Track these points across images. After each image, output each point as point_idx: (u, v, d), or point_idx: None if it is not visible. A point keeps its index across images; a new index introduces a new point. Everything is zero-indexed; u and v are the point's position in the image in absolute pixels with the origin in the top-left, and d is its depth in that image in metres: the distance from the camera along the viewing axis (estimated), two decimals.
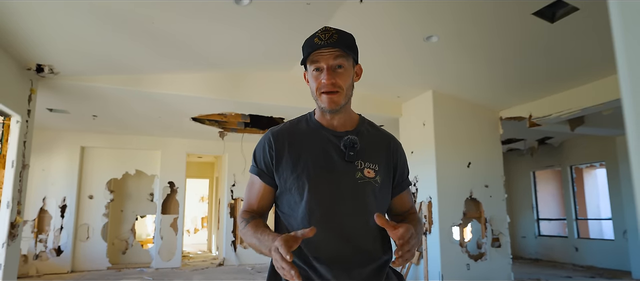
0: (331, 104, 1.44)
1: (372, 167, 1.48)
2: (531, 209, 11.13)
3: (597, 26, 4.40)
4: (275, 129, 1.55)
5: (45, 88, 5.70)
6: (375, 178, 1.47)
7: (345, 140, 1.48)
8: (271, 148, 1.50)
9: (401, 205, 1.61)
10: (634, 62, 0.58)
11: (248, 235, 1.43)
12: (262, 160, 1.52)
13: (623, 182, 8.76)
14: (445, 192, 6.60)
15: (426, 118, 6.79)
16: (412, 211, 1.62)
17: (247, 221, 1.47)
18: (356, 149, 1.47)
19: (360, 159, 1.48)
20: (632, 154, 0.59)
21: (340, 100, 1.45)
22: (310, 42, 1.45)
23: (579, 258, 9.77)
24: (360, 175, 1.45)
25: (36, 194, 8.55)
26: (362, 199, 1.44)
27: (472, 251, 6.82)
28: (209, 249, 12.75)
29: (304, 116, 1.61)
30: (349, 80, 1.47)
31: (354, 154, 1.46)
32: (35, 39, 4.49)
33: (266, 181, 1.51)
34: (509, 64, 5.56)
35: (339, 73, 1.43)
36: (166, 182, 9.63)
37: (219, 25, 4.53)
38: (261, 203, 1.52)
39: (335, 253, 1.40)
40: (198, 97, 6.21)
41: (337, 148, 1.48)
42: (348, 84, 1.47)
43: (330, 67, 1.42)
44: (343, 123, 1.53)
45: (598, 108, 6.16)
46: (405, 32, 4.81)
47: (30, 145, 5.25)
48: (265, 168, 1.51)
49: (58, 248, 8.56)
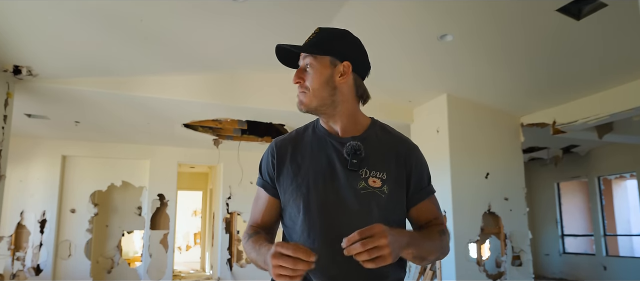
0: (299, 105, 1.52)
1: (379, 175, 1.46)
2: (555, 224, 11.07)
3: (627, 23, 4.38)
4: (279, 138, 1.60)
5: (23, 92, 5.69)
6: (381, 188, 1.44)
7: (348, 147, 1.48)
8: (273, 158, 1.54)
9: (423, 215, 1.55)
10: None
11: (249, 250, 1.46)
12: (265, 171, 1.57)
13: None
14: (460, 205, 6.55)
15: (440, 124, 6.76)
16: (435, 222, 1.55)
17: (249, 236, 1.49)
18: (360, 156, 1.46)
19: (365, 167, 1.46)
20: None
21: (306, 100, 1.50)
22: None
23: (607, 277, 9.70)
24: (364, 184, 1.44)
25: (13, 208, 8.52)
26: (365, 211, 1.42)
27: (491, 270, 6.76)
28: (203, 267, 12.72)
29: (311, 123, 1.63)
30: (318, 80, 1.48)
31: (357, 162, 1.46)
32: (12, 38, 4.49)
33: (270, 193, 1.54)
34: (531, 65, 5.54)
35: (306, 74, 1.51)
36: (155, 194, 9.60)
37: (213, 23, 4.53)
38: (265, 218, 1.56)
39: (336, 270, 1.39)
40: (190, 102, 6.19)
41: (341, 155, 1.48)
42: (318, 84, 1.48)
43: (299, 69, 1.53)
44: (349, 128, 1.53)
45: (628, 113, 6.12)
46: (417, 30, 4.79)
47: (6, 153, 5.24)
48: (269, 180, 1.55)
49: (37, 267, 8.53)
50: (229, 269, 9.80)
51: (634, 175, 9.68)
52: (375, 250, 1.19)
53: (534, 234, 10.26)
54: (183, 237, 18.52)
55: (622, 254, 10.21)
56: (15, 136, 8.03)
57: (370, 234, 1.20)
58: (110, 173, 9.55)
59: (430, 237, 1.45)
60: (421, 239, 1.40)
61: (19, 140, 8.39)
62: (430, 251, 1.42)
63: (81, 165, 9.33)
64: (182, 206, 16.04)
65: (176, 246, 14.59)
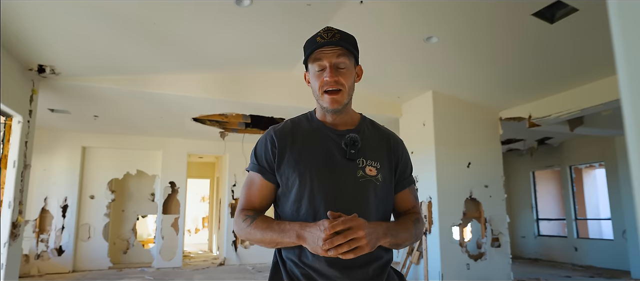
0: (334, 104, 1.44)
1: (373, 164, 1.47)
2: (531, 209, 11.12)
3: (596, 27, 4.40)
4: (277, 127, 1.54)
5: (47, 89, 5.70)
6: (376, 176, 1.46)
7: (347, 138, 1.47)
8: (274, 145, 1.48)
9: (402, 203, 1.58)
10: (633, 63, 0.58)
11: (258, 230, 1.40)
12: (263, 157, 1.50)
13: (622, 182, 8.75)
14: (445, 192, 6.60)
15: (426, 118, 6.79)
16: (412, 211, 1.58)
17: (252, 218, 1.43)
18: (357, 147, 1.47)
19: (361, 157, 1.47)
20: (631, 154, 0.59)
21: (342, 99, 1.45)
22: (312, 41, 1.45)
23: (578, 258, 9.77)
24: (362, 173, 1.44)
25: (37, 194, 8.55)
26: (363, 197, 1.43)
27: (472, 251, 6.82)
28: (210, 249, 12.75)
29: (304, 115, 1.60)
30: (351, 80, 1.47)
31: (355, 152, 1.46)
32: (37, 40, 4.49)
33: (268, 178, 1.49)
34: (509, 64, 5.56)
35: (341, 72, 1.44)
36: (167, 182, 9.62)
37: (220, 26, 4.53)
38: (262, 201, 1.50)
39: None
40: (199, 98, 6.21)
41: (339, 146, 1.47)
42: (350, 83, 1.47)
43: (333, 65, 1.42)
44: (344, 122, 1.53)
45: (597, 108, 6.16)
46: (406, 33, 4.81)
47: (31, 145, 5.25)
48: (267, 166, 1.49)
49: (59, 248, 8.56)
50: (234, 250, 9.84)
51: (603, 165, 9.73)
52: (354, 241, 1.25)
53: (512, 218, 10.33)
54: (192, 221, 18.53)
55: (591, 236, 10.27)
56: (40, 129, 8.05)
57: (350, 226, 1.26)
58: (126, 162, 9.57)
59: (405, 227, 1.47)
60: (397, 229, 1.43)
61: (43, 133, 8.40)
62: (405, 239, 1.45)
63: (100, 155, 9.34)
64: (192, 192, 16.07)
65: (186, 230, 14.65)
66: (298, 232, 1.32)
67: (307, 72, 1.53)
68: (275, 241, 1.38)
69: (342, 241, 1.24)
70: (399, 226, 1.45)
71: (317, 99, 1.49)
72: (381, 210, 1.49)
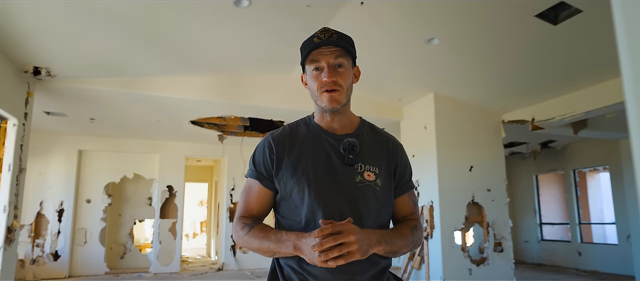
0: (332, 102, 1.44)
1: (372, 169, 1.47)
2: (534, 213, 11.11)
3: (600, 28, 4.40)
4: (275, 133, 1.54)
5: (43, 91, 5.69)
6: (375, 181, 1.45)
7: (345, 143, 1.47)
8: (272, 152, 1.48)
9: (401, 209, 1.56)
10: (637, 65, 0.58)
11: (256, 239, 1.40)
12: (262, 164, 1.49)
13: (627, 185, 8.75)
14: (446, 195, 6.59)
15: (428, 121, 6.79)
16: (410, 217, 1.56)
17: (250, 226, 1.43)
18: (356, 152, 1.46)
19: (360, 162, 1.46)
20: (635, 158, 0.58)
21: (341, 98, 1.45)
22: (309, 42, 1.45)
23: (582, 262, 9.75)
24: (360, 178, 1.44)
25: (33, 198, 8.54)
26: (362, 203, 1.42)
27: (474, 256, 6.80)
28: (208, 254, 12.74)
29: (302, 119, 1.59)
30: (348, 80, 1.47)
31: (353, 157, 1.45)
32: (33, 42, 4.49)
33: (266, 185, 1.49)
34: (512, 66, 5.56)
35: (339, 72, 1.44)
36: (165, 185, 9.62)
37: (218, 27, 4.53)
38: (261, 208, 1.50)
39: None
40: (197, 100, 6.20)
41: (337, 151, 1.47)
42: (348, 84, 1.47)
43: (330, 66, 1.43)
44: (343, 125, 1.52)
45: (601, 111, 6.16)
46: (407, 34, 4.81)
47: (27, 148, 5.24)
48: (265, 173, 1.48)
49: (55, 253, 8.55)
50: (233, 255, 9.83)
51: (607, 168, 9.72)
52: (345, 246, 1.25)
53: (514, 222, 10.33)
54: (190, 225, 18.48)
55: (595, 241, 10.26)
56: (35, 132, 8.04)
57: (340, 230, 1.25)
58: (123, 166, 9.57)
59: (401, 234, 1.46)
60: (392, 236, 1.42)
61: (38, 136, 8.39)
62: (402, 246, 1.44)
63: (96, 159, 9.34)
64: (189, 196, 16.05)
65: (184, 234, 14.65)
66: (295, 243, 1.32)
67: (304, 74, 1.52)
68: (273, 251, 1.38)
69: (332, 244, 1.23)
70: (394, 234, 1.44)
71: (316, 100, 1.48)
72: (382, 215, 1.48)
